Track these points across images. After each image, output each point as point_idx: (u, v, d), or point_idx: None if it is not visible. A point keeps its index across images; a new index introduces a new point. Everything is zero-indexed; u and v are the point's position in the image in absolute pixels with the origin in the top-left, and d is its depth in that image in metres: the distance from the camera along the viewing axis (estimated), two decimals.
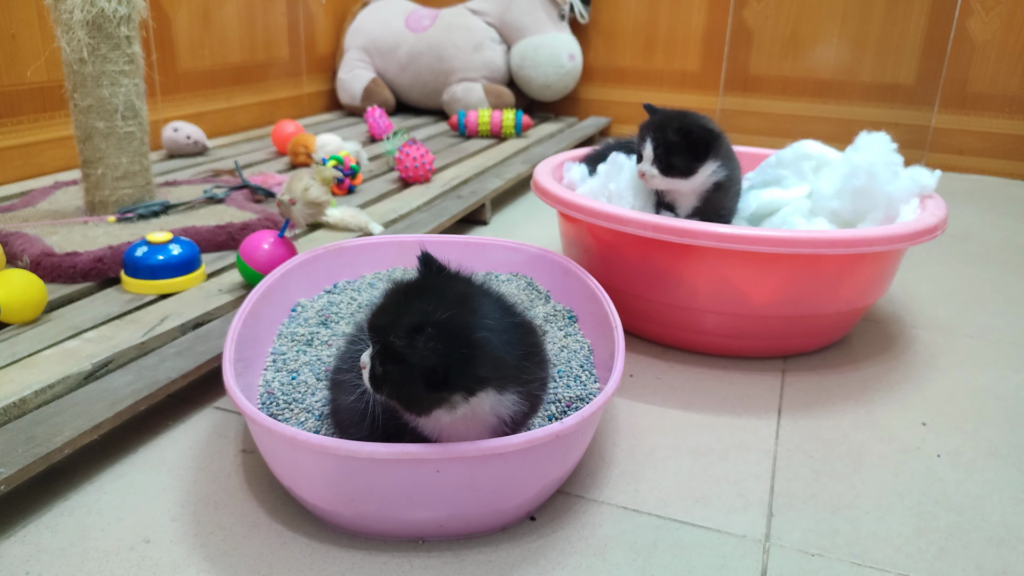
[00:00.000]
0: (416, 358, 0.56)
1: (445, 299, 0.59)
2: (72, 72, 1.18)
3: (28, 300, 0.91)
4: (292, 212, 1.05)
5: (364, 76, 2.44)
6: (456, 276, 0.64)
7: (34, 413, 0.75)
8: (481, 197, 1.56)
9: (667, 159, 1.05)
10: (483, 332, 0.58)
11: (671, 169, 1.06)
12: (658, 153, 1.05)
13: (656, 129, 1.05)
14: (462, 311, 0.58)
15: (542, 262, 1.05)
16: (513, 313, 0.64)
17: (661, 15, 2.46)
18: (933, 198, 1.10)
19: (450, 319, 0.57)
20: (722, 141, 1.08)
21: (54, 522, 0.70)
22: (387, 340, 0.57)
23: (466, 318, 0.58)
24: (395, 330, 0.57)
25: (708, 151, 1.06)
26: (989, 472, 0.82)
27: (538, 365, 0.65)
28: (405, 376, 0.57)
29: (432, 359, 0.56)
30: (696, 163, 1.06)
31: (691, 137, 1.04)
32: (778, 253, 0.93)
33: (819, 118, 2.37)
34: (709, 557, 0.68)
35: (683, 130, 1.04)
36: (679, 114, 1.08)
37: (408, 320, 0.57)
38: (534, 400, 0.66)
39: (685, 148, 1.05)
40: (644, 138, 1.06)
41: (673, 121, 1.05)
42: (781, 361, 1.07)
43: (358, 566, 0.66)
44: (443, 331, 0.56)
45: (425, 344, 0.56)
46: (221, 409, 0.90)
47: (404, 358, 0.56)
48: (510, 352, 0.61)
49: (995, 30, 2.13)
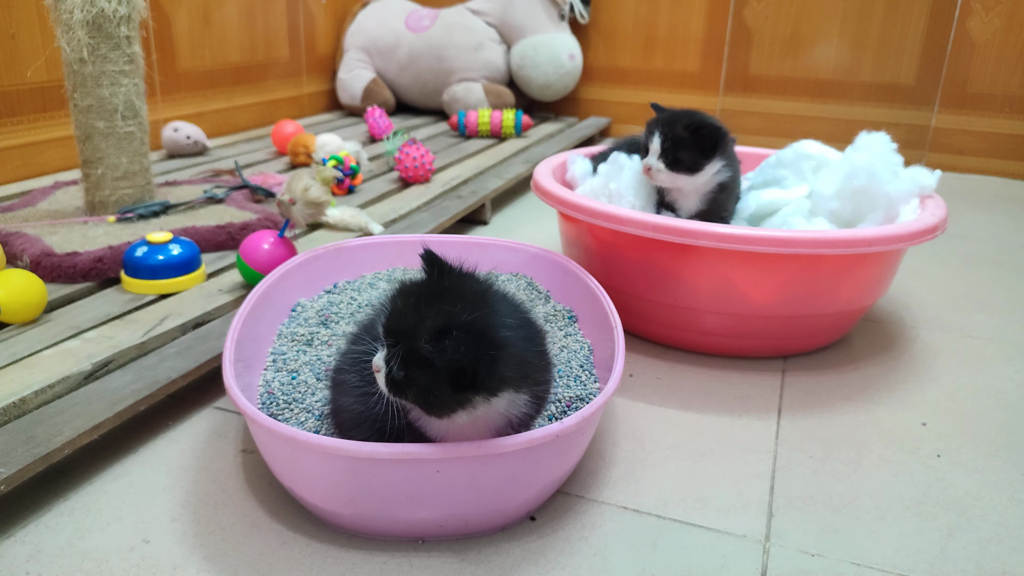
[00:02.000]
0: (443, 361, 0.56)
1: (465, 300, 0.58)
2: (72, 72, 1.18)
3: (28, 300, 0.91)
4: (292, 212, 1.05)
5: (364, 76, 2.44)
6: (468, 275, 0.63)
7: (34, 413, 0.75)
8: (481, 197, 1.56)
9: (674, 154, 1.05)
10: (506, 332, 0.58)
11: (678, 164, 1.06)
12: (666, 147, 1.05)
13: (665, 124, 1.06)
14: (485, 312, 0.58)
15: (542, 262, 1.05)
16: (522, 311, 0.65)
17: (661, 15, 2.46)
18: (933, 198, 1.10)
19: (475, 321, 0.57)
20: (728, 140, 1.09)
21: (54, 522, 0.70)
22: (413, 344, 0.56)
23: (489, 319, 0.58)
24: (420, 334, 0.56)
25: (715, 148, 1.06)
26: (989, 472, 0.82)
27: (546, 366, 0.66)
28: (431, 379, 0.57)
29: (462, 361, 0.56)
30: (703, 160, 1.06)
31: (700, 133, 1.05)
32: (778, 253, 0.93)
33: (819, 118, 2.37)
34: (709, 557, 0.68)
35: (692, 126, 1.05)
36: (688, 112, 1.09)
37: (432, 323, 0.56)
38: (540, 402, 0.66)
39: (693, 144, 1.05)
40: (652, 133, 1.07)
41: (683, 117, 1.06)
42: (781, 361, 1.07)
43: (358, 566, 0.66)
44: (469, 333, 0.56)
45: (456, 347, 0.55)
46: (221, 409, 0.90)
47: (431, 362, 0.56)
48: (529, 351, 0.61)
49: (995, 30, 2.13)
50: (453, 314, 0.57)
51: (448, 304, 0.58)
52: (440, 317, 0.57)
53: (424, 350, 0.56)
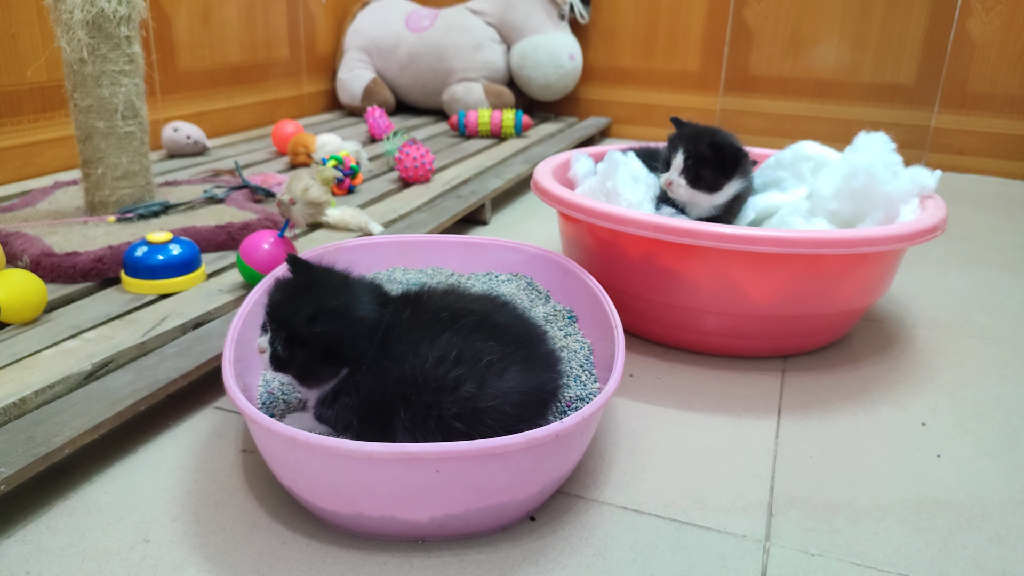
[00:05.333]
0: (316, 340, 0.67)
1: (330, 289, 0.70)
2: (72, 72, 1.18)
3: (28, 300, 0.91)
4: (292, 212, 1.05)
5: (364, 76, 2.44)
6: (330, 270, 0.73)
7: (34, 413, 0.75)
8: (481, 197, 1.56)
9: (696, 171, 1.08)
10: (364, 311, 0.69)
11: (699, 181, 1.09)
12: (688, 164, 1.08)
13: (689, 141, 1.09)
14: (346, 297, 0.69)
15: (542, 262, 1.05)
16: (381, 291, 0.74)
17: (661, 15, 2.46)
18: (933, 198, 1.10)
19: (339, 305, 0.68)
20: (747, 159, 1.13)
21: (54, 522, 0.70)
22: (292, 328, 0.67)
23: (350, 302, 0.69)
24: (297, 319, 0.67)
25: (736, 169, 1.10)
26: (989, 472, 0.82)
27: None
28: (308, 356, 0.68)
29: (330, 338, 0.67)
30: (723, 179, 1.10)
31: (723, 153, 1.08)
32: (778, 253, 0.93)
33: (819, 118, 2.37)
34: (709, 557, 0.68)
35: (716, 145, 1.08)
36: (711, 130, 1.12)
37: (305, 310, 0.67)
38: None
39: (715, 163, 1.08)
40: (676, 148, 1.09)
41: (706, 136, 1.09)
42: (781, 361, 1.07)
43: (358, 566, 0.66)
44: (334, 315, 0.67)
45: (324, 327, 0.67)
46: (221, 409, 0.90)
47: (307, 341, 0.67)
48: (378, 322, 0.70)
49: (995, 30, 2.13)
50: (321, 301, 0.68)
51: (317, 294, 0.69)
52: (311, 305, 0.68)
53: (301, 332, 0.67)
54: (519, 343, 0.70)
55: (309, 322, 0.67)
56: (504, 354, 0.68)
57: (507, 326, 0.71)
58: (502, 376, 0.67)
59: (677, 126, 1.15)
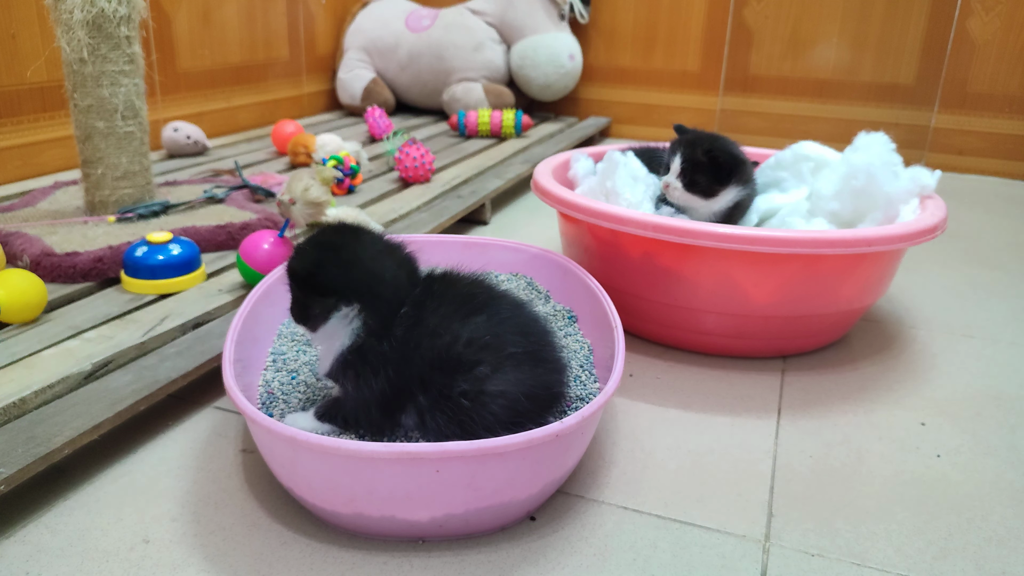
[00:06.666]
0: (299, 266, 0.69)
1: (335, 246, 0.71)
2: (72, 72, 1.18)
3: (28, 300, 0.91)
4: (292, 212, 1.05)
5: (364, 76, 2.44)
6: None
7: (34, 413, 0.75)
8: (481, 197, 1.56)
9: (692, 176, 1.10)
10: (352, 252, 0.69)
11: (694, 186, 1.11)
12: (684, 168, 1.10)
13: (687, 146, 1.11)
14: (340, 239, 0.70)
15: (542, 262, 1.05)
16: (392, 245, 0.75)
17: (661, 15, 2.46)
18: (933, 198, 1.10)
19: (329, 242, 0.70)
20: (746, 168, 1.14)
21: (54, 522, 0.70)
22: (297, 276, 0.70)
23: (342, 240, 0.70)
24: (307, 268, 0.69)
25: (731, 177, 1.11)
26: (989, 472, 0.82)
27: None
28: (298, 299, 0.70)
29: (309, 267, 0.68)
30: (718, 186, 1.11)
31: (717, 161, 1.09)
32: (778, 253, 0.93)
33: (819, 118, 2.37)
34: (709, 557, 0.68)
35: (711, 152, 1.09)
36: (711, 137, 1.14)
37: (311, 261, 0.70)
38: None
39: (710, 170, 1.10)
40: (674, 152, 1.12)
41: (704, 142, 1.11)
42: (781, 361, 1.07)
43: (358, 566, 0.66)
44: (320, 246, 0.69)
45: (305, 254, 0.69)
46: (221, 409, 0.90)
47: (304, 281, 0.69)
48: (379, 268, 0.70)
49: (995, 30, 2.13)
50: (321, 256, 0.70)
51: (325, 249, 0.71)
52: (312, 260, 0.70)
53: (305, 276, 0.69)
54: (541, 342, 0.73)
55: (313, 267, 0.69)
56: (526, 349, 0.70)
57: (534, 322, 0.75)
58: (518, 367, 0.69)
59: (679, 134, 1.17)
